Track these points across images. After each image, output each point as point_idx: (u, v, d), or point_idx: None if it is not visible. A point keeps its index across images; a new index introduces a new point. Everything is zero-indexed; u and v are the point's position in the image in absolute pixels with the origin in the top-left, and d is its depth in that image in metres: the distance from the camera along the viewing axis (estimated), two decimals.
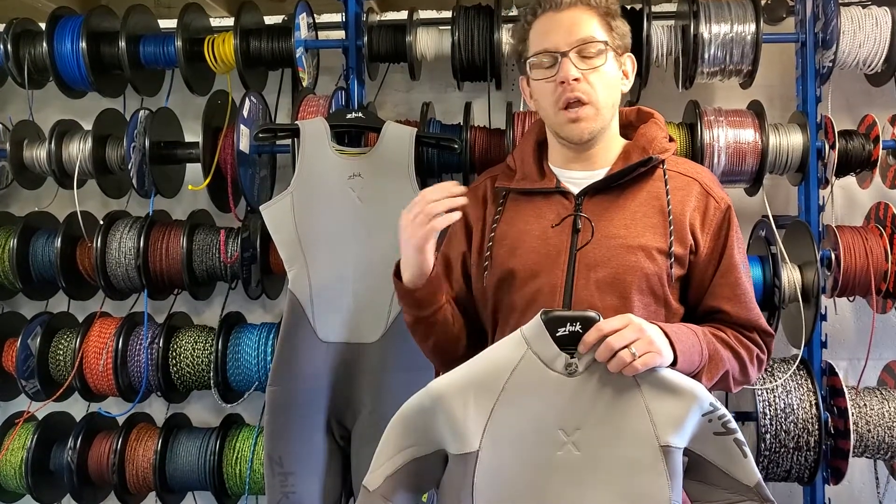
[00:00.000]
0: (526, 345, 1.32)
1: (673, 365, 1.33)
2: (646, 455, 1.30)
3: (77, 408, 2.44)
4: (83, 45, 2.23)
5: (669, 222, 1.46)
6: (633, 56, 1.55)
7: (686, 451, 1.33)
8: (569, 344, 1.31)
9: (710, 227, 1.49)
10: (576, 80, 1.43)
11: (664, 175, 1.51)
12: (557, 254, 1.45)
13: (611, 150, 1.54)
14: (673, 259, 1.45)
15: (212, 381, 2.24)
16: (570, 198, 1.50)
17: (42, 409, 2.38)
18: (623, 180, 1.50)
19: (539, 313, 1.32)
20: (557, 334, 1.30)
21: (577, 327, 1.30)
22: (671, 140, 1.56)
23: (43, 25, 2.30)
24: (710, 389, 1.51)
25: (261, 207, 2.00)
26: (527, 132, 1.66)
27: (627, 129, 1.60)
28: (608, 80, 1.48)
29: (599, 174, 1.51)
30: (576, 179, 1.52)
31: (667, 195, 1.48)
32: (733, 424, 1.32)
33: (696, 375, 1.38)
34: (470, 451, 1.32)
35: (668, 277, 1.45)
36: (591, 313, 1.30)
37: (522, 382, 1.32)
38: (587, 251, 1.43)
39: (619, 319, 1.29)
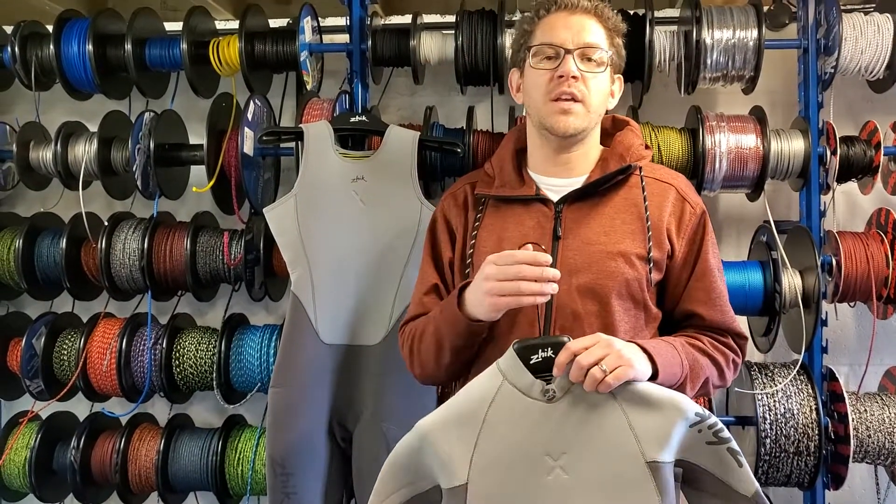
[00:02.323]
0: (501, 376, 1.34)
1: (654, 378, 1.34)
2: (634, 473, 1.31)
3: (80, 407, 2.45)
4: (90, 47, 2.25)
5: (648, 228, 1.49)
6: (622, 79, 1.59)
7: (681, 462, 1.33)
8: (544, 370, 1.32)
9: (686, 232, 1.52)
10: (574, 77, 1.46)
11: (641, 182, 1.54)
12: None
13: (589, 156, 1.57)
14: (652, 264, 1.48)
15: (214, 382, 2.25)
16: (549, 205, 1.52)
17: (46, 409, 2.39)
18: (602, 188, 1.52)
19: (511, 345, 1.34)
20: (531, 362, 1.32)
21: (549, 353, 1.32)
22: (647, 147, 1.60)
23: (50, 28, 2.32)
24: (692, 397, 1.52)
25: (264, 210, 2.01)
26: (505, 139, 1.67)
27: (603, 136, 1.62)
28: (602, 89, 1.52)
29: (578, 181, 1.54)
30: (555, 187, 1.54)
31: (644, 201, 1.51)
32: (726, 434, 1.32)
33: (680, 387, 1.39)
34: (459, 483, 1.33)
35: (647, 282, 1.48)
36: (562, 337, 1.32)
37: (502, 413, 1.33)
38: (568, 257, 1.45)
39: (587, 338, 1.31)
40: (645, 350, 1.34)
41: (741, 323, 1.59)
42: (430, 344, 1.52)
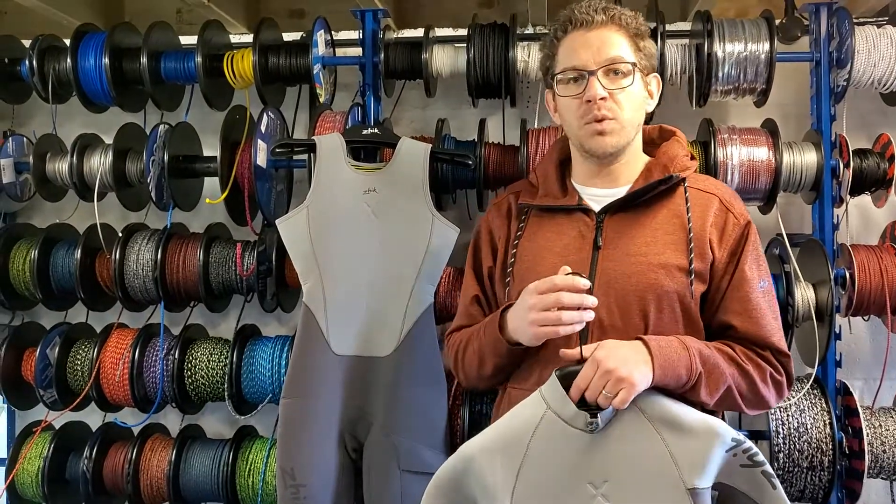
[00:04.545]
0: (545, 404, 1.36)
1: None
2: (675, 500, 1.32)
3: (93, 418, 2.46)
4: (106, 60, 2.27)
5: (689, 239, 1.47)
6: (658, 76, 1.59)
7: (717, 485, 1.34)
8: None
9: (728, 243, 1.50)
10: (602, 98, 1.46)
11: (685, 193, 1.52)
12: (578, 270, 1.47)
13: (633, 166, 1.56)
14: (693, 276, 1.46)
15: (226, 393, 2.26)
16: (591, 215, 1.52)
17: (59, 419, 2.41)
18: (644, 198, 1.51)
19: (554, 372, 1.36)
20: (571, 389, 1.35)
21: None
22: (692, 158, 1.58)
23: (67, 41, 2.34)
24: (720, 410, 1.51)
25: (277, 221, 2.02)
26: (549, 150, 1.69)
27: (650, 146, 1.62)
28: (634, 99, 1.50)
29: (621, 192, 1.53)
30: (598, 197, 1.54)
31: (687, 213, 1.50)
32: (760, 457, 1.33)
33: (691, 390, 1.38)
34: None
35: (689, 294, 1.46)
36: None
37: (545, 441, 1.35)
38: (608, 268, 1.44)
39: (588, 368, 1.32)
40: (649, 349, 1.35)
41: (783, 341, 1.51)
42: (472, 357, 1.55)
